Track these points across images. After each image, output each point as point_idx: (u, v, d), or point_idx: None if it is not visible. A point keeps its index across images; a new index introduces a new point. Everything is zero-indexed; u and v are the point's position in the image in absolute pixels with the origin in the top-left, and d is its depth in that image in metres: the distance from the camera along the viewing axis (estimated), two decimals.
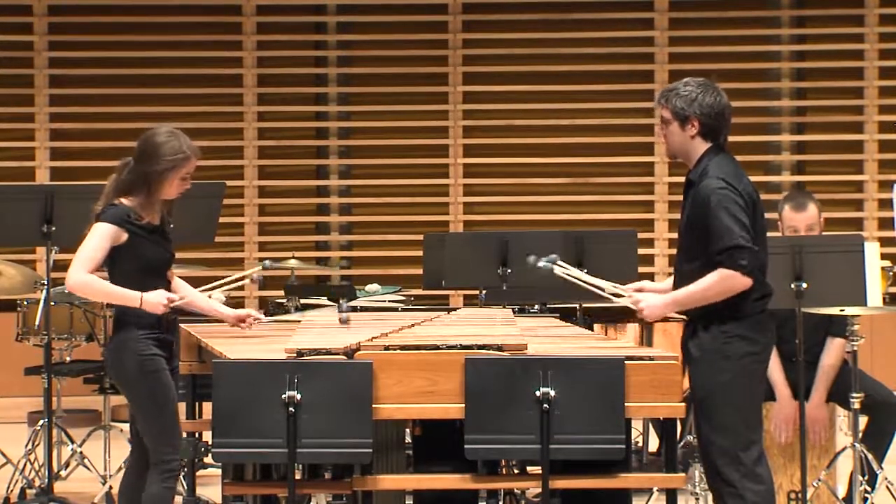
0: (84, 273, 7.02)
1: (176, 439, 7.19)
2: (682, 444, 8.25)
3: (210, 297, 7.54)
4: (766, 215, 6.93)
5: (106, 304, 9.78)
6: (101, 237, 7.06)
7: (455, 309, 9.12)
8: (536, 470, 6.48)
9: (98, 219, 7.11)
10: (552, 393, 6.33)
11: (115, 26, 13.27)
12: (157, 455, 7.11)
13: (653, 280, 12.59)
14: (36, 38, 13.29)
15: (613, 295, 7.15)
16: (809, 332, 8.32)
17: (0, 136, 13.27)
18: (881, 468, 8.49)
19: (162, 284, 7.14)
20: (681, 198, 12.38)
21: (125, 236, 7.06)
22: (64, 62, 13.33)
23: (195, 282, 7.59)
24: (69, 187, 10.26)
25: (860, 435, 8.47)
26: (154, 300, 7.05)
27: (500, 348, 6.57)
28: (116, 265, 7.12)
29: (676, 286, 6.96)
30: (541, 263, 7.16)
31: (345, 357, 6.48)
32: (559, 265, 7.12)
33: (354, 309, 8.86)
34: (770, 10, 13.35)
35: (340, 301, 7.80)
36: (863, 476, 8.41)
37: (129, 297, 7.06)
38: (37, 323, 9.69)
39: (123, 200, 7.12)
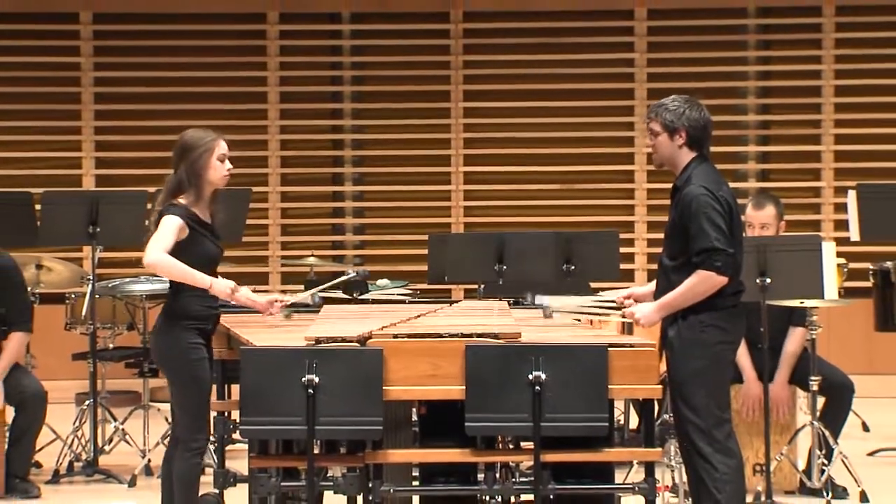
0: (161, 252, 6.90)
1: (204, 422, 7.18)
2: (659, 422, 8.25)
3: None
4: None
5: (148, 295, 9.81)
6: (171, 227, 6.95)
7: (456, 301, 9.11)
8: (529, 445, 6.48)
9: (164, 214, 7.00)
10: (543, 376, 6.33)
11: (154, 49, 13.28)
12: (186, 434, 7.10)
13: (633, 277, 12.75)
14: (83, 60, 13.29)
15: (609, 309, 7.17)
16: (773, 323, 8.34)
17: (51, 147, 13.30)
18: (837, 443, 8.50)
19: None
20: (658, 202, 12.46)
21: (187, 231, 7.02)
22: (108, 81, 13.34)
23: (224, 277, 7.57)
24: (112, 193, 10.29)
25: (818, 414, 8.48)
26: (222, 286, 7.04)
27: (496, 336, 6.57)
28: (176, 257, 6.98)
29: (658, 279, 6.97)
30: (538, 302, 7.19)
31: (358, 344, 6.48)
32: (554, 307, 7.14)
33: (367, 301, 8.86)
34: (738, 35, 13.35)
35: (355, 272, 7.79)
36: (820, 450, 8.42)
37: (200, 279, 7.02)
38: (83, 314, 9.70)
39: (181, 200, 7.06)
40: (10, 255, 9.11)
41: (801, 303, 8.30)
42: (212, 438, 7.62)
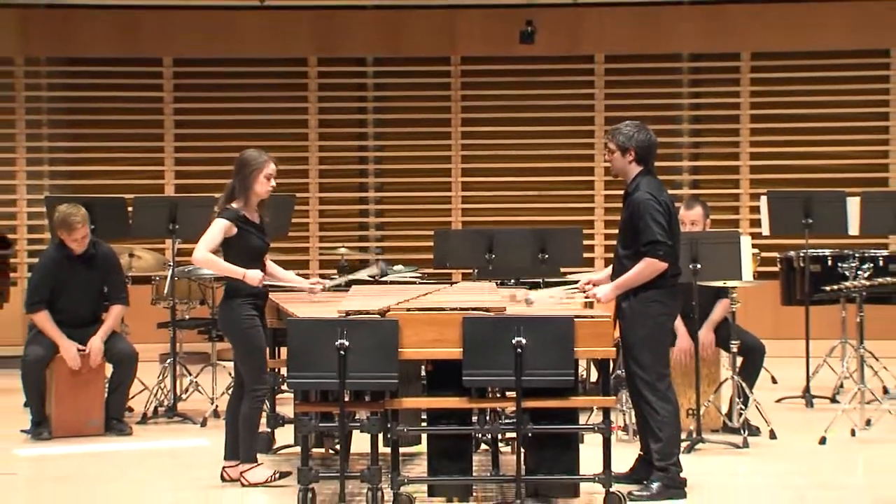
0: (206, 252, 6.97)
1: (263, 374, 7.16)
2: (613, 376, 8.23)
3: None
4: None
5: (215, 277, 9.80)
6: (218, 228, 7.01)
7: (455, 282, 9.10)
8: (512, 394, 6.47)
9: (217, 216, 7.06)
10: (524, 341, 6.31)
11: (221, 86, 13.28)
12: (250, 385, 7.10)
13: (593, 264, 12.73)
14: (165, 94, 13.29)
15: (574, 292, 7.17)
16: (703, 299, 8.33)
17: (140, 163, 13.29)
18: (752, 393, 8.50)
19: (259, 265, 7.10)
20: (612, 205, 12.42)
21: (235, 230, 7.02)
22: (184, 111, 13.34)
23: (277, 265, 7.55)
24: (187, 198, 10.27)
25: (737, 370, 8.47)
26: (252, 276, 7.04)
27: (487, 310, 6.56)
28: (230, 249, 7.07)
29: (615, 266, 6.98)
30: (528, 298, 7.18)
31: (379, 316, 6.47)
32: (534, 301, 7.15)
33: (386, 282, 8.85)
34: (674, 75, 13.34)
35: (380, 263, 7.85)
36: (739, 398, 8.41)
37: (235, 271, 7.03)
38: (165, 292, 9.68)
39: (234, 204, 7.06)
40: (109, 245, 9.11)
41: (725, 283, 8.28)
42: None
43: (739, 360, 8.52)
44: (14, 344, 11.10)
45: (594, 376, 9.16)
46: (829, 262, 10.00)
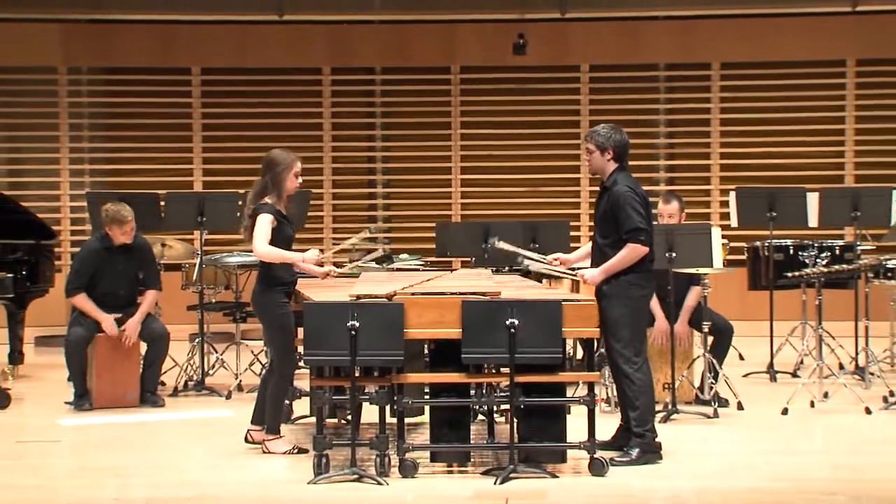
0: (266, 244, 6.90)
1: (291, 356, 7.16)
2: (597, 354, 8.23)
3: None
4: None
5: (239, 265, 9.80)
6: (267, 222, 6.94)
7: (455, 270, 9.09)
8: (506, 370, 6.47)
9: (259, 212, 6.97)
10: (516, 322, 6.32)
11: (245, 92, 13.26)
12: (277, 364, 7.09)
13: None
14: (193, 100, 13.26)
15: (558, 271, 7.18)
16: (678, 284, 8.33)
17: (171, 162, 13.26)
18: (721, 369, 8.49)
19: None
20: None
21: (276, 223, 7.00)
22: (211, 115, 13.31)
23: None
24: (214, 194, 10.26)
25: (708, 348, 8.46)
26: (310, 256, 7.05)
27: (484, 294, 6.56)
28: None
29: (595, 253, 6.98)
30: (491, 241, 7.23)
31: (386, 299, 6.47)
32: (502, 246, 7.22)
33: (392, 269, 8.83)
34: (652, 83, 13.31)
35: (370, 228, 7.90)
36: (710, 373, 8.42)
37: (294, 257, 7.01)
38: (194, 278, 9.68)
39: (267, 199, 7.01)
40: (144, 236, 9.12)
41: (697, 270, 8.28)
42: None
43: (710, 339, 8.52)
44: (58, 324, 11.11)
45: (580, 354, 9.16)
46: (791, 251, 10.00)
